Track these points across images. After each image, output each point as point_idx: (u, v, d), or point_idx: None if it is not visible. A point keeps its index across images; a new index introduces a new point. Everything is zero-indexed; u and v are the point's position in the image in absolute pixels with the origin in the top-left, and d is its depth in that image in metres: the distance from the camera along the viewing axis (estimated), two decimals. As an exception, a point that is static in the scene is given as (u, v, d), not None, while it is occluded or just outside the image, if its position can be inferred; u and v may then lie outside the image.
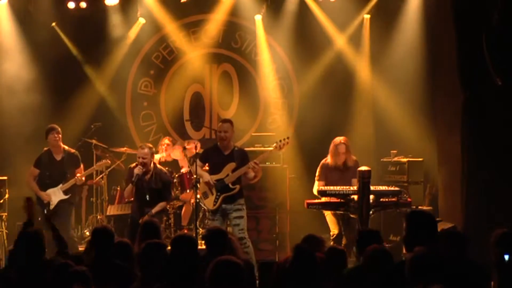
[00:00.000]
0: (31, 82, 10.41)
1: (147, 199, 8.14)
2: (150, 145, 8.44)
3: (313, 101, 10.74)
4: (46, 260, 5.16)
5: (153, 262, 4.66)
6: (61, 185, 8.46)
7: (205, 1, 10.84)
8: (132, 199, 8.40)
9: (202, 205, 8.21)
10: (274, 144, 8.26)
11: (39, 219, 8.49)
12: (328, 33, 10.67)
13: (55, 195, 8.43)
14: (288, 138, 8.37)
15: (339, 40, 10.71)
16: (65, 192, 8.45)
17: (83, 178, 8.60)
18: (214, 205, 7.93)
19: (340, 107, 10.50)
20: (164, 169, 8.50)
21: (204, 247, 6.07)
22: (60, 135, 8.56)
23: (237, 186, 7.95)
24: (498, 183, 7.59)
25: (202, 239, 4.86)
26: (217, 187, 7.94)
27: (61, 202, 8.43)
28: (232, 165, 7.95)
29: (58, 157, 8.58)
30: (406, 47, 10.23)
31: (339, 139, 8.45)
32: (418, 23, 10.07)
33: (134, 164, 8.28)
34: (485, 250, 4.89)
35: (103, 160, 9.06)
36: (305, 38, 10.70)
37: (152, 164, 8.25)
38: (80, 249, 8.54)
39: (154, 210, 8.11)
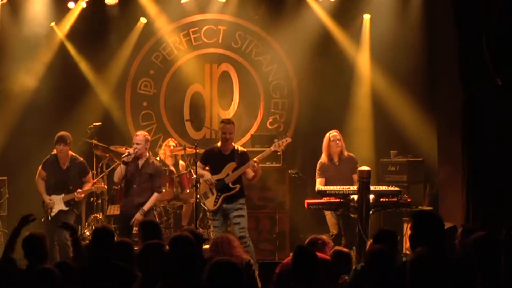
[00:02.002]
0: (30, 82, 10.42)
1: (135, 185, 8.03)
2: (146, 133, 8.31)
3: (313, 101, 10.74)
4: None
5: (152, 263, 4.65)
6: (63, 195, 8.42)
7: (205, 1, 10.85)
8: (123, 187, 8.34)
9: (203, 205, 8.19)
10: (274, 143, 8.28)
11: (42, 220, 8.53)
12: (328, 33, 10.67)
13: (57, 203, 8.40)
14: (287, 137, 8.39)
15: (340, 40, 10.71)
16: (66, 203, 8.42)
17: (82, 196, 8.56)
18: (215, 205, 7.93)
19: (341, 107, 10.50)
20: (162, 162, 8.44)
21: (207, 247, 6.11)
22: (68, 146, 8.43)
23: (238, 186, 7.94)
24: (498, 183, 7.58)
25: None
26: (217, 187, 7.94)
27: (61, 211, 8.42)
28: (232, 164, 7.95)
29: (64, 166, 8.49)
30: (406, 47, 10.22)
31: (330, 132, 8.54)
32: (418, 23, 10.07)
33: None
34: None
35: (101, 184, 9.06)
36: (306, 38, 10.69)
37: (147, 154, 8.16)
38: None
39: (146, 207, 7.96)
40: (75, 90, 10.63)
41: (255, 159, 7.97)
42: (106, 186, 9.20)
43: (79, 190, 8.44)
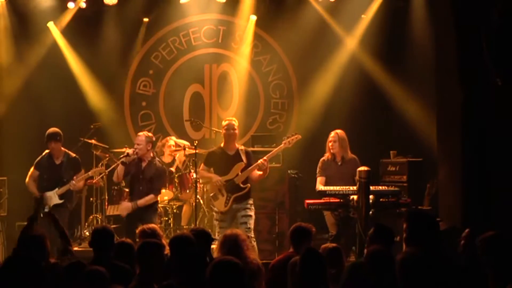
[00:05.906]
0: (29, 81, 10.41)
1: (138, 187, 7.98)
2: (149, 134, 8.21)
3: (313, 101, 10.74)
4: (50, 263, 5.12)
5: (148, 261, 4.63)
6: (56, 189, 8.40)
7: (205, 1, 10.84)
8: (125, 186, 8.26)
9: (212, 207, 8.14)
10: (284, 141, 8.22)
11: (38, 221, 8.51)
12: (328, 33, 10.67)
13: (51, 198, 8.39)
14: (297, 134, 8.32)
15: (340, 40, 10.70)
16: (60, 196, 8.40)
17: (78, 184, 8.52)
18: (226, 206, 7.88)
19: (341, 107, 10.49)
20: (162, 162, 8.34)
21: (214, 246, 6.07)
22: (59, 143, 8.48)
23: (248, 185, 7.92)
24: (498, 183, 7.58)
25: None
26: (227, 187, 7.90)
27: (55, 206, 8.39)
28: (241, 164, 7.91)
29: (58, 161, 8.53)
30: (407, 47, 10.23)
31: (333, 131, 8.54)
32: (419, 24, 10.06)
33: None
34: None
35: (98, 167, 8.98)
36: (305, 38, 10.69)
37: (151, 154, 8.09)
38: (74, 248, 8.54)
39: (139, 203, 7.87)
40: (74, 90, 10.62)
41: (265, 157, 7.91)
42: (104, 168, 9.01)
43: (74, 177, 8.42)
